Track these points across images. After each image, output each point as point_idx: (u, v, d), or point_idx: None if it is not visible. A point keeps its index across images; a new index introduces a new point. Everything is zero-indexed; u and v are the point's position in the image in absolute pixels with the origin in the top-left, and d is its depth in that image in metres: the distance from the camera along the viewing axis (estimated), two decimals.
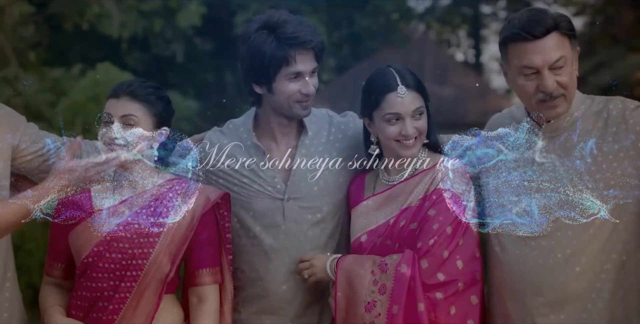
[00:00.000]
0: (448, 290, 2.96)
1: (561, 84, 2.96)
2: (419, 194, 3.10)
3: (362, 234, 3.16)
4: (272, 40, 3.05)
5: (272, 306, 3.23)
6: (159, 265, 3.03)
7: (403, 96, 3.04)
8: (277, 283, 3.21)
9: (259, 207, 3.22)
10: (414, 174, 3.14)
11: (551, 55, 2.93)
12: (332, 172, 3.24)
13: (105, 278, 3.03)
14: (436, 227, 3.01)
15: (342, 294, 3.03)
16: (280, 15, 3.09)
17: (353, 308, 3.01)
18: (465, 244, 3.01)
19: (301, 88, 3.12)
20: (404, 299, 2.94)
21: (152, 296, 3.03)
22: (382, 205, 3.16)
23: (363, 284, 3.00)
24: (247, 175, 3.24)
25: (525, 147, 3.01)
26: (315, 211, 3.22)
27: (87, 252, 3.04)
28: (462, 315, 2.99)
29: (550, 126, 3.05)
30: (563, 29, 2.96)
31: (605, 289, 2.95)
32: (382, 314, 2.96)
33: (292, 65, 3.08)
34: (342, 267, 3.06)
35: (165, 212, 3.05)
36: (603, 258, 2.96)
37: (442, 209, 3.03)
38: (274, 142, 3.25)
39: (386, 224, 3.12)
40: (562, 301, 2.96)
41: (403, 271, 2.95)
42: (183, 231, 3.06)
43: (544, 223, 2.93)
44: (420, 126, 3.09)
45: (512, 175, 3.03)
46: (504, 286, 3.06)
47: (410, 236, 3.06)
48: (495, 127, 3.13)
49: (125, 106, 3.01)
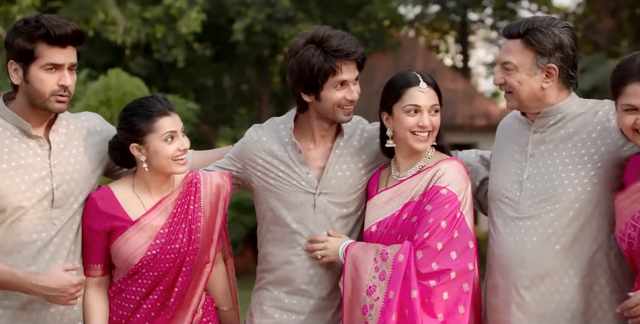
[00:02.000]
0: (441, 278, 3.05)
1: (507, 83, 3.14)
2: (420, 190, 3.19)
3: (373, 225, 3.27)
4: (320, 54, 3.17)
5: (298, 288, 3.35)
6: (202, 256, 3.20)
7: (424, 90, 3.18)
8: (305, 267, 3.34)
9: (292, 199, 3.33)
10: (420, 170, 3.23)
11: (504, 56, 3.12)
12: (359, 172, 3.37)
13: (160, 276, 3.14)
14: (431, 221, 3.09)
15: (348, 277, 3.17)
16: (325, 31, 3.21)
17: (357, 290, 3.14)
18: (460, 236, 3.10)
19: (346, 95, 3.23)
20: (399, 286, 3.05)
21: (196, 282, 3.21)
22: (390, 199, 3.26)
23: (366, 269, 3.13)
24: (283, 170, 3.34)
25: (521, 140, 3.23)
26: (343, 206, 3.34)
27: (140, 257, 3.11)
28: (454, 301, 3.07)
29: (540, 121, 3.17)
30: (528, 41, 3.07)
31: (580, 266, 3.08)
32: (380, 298, 3.08)
33: (338, 75, 3.19)
34: (350, 253, 3.20)
35: (198, 207, 3.21)
36: (581, 239, 3.09)
37: (438, 205, 3.11)
38: (313, 143, 3.36)
39: (392, 216, 3.22)
40: (543, 275, 3.08)
41: (400, 260, 3.07)
42: (212, 221, 3.24)
43: (531, 206, 3.13)
44: (435, 121, 3.20)
45: (509, 163, 3.24)
46: (495, 261, 3.19)
47: (410, 228, 3.16)
48: (503, 127, 3.37)
49: (179, 120, 3.19)
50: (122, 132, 3.14)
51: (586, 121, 3.15)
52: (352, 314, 3.16)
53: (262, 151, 3.38)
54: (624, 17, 20.38)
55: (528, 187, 3.15)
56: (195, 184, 3.25)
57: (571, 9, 24.23)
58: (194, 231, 3.18)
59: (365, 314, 3.11)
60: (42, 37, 2.94)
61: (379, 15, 18.81)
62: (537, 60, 3.09)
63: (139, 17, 16.56)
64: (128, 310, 3.17)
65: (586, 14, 22.53)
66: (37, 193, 3.02)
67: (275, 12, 17.71)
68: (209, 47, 19.71)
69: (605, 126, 3.12)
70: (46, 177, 3.04)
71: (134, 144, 3.10)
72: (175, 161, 3.12)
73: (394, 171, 3.31)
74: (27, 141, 3.04)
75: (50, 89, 2.98)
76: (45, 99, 2.99)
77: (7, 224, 3.00)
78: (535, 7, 23.80)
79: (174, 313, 3.18)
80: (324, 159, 3.35)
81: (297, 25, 17.59)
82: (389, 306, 3.06)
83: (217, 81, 20.81)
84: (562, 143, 3.15)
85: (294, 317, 3.35)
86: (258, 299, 3.43)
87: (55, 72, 2.98)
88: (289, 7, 17.57)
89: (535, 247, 3.10)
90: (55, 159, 3.07)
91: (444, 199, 3.13)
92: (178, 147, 3.11)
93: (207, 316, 3.32)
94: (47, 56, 2.97)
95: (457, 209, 3.12)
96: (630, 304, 2.83)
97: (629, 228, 2.89)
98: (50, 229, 3.04)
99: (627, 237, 2.89)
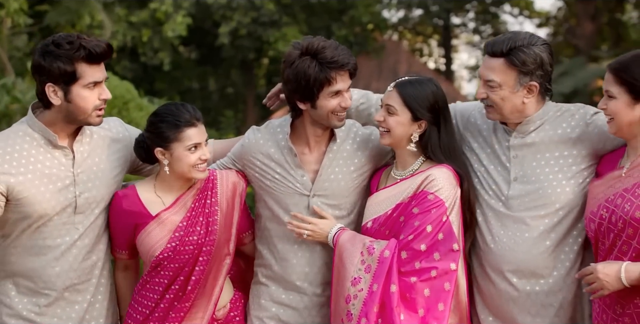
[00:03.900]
0: (422, 275, 3.17)
1: (489, 98, 3.24)
2: (410, 192, 3.27)
3: (369, 221, 3.36)
4: (315, 65, 3.24)
5: (294, 284, 3.44)
6: (221, 248, 3.34)
7: (390, 89, 3.32)
8: (300, 265, 3.43)
9: (287, 200, 3.41)
10: (413, 173, 3.32)
11: (488, 74, 3.21)
12: (352, 175, 3.44)
13: (180, 267, 3.28)
14: (417, 224, 3.19)
15: (336, 267, 3.29)
16: (319, 42, 3.29)
17: (342, 280, 3.25)
18: (445, 238, 3.20)
19: (340, 103, 3.30)
20: (383, 280, 3.17)
21: (217, 272, 3.35)
22: (386, 198, 3.35)
23: (352, 261, 3.24)
24: (279, 172, 3.42)
25: (501, 145, 3.34)
26: (335, 207, 3.42)
27: (161, 249, 3.26)
28: (435, 298, 3.18)
29: (522, 128, 3.29)
30: (512, 62, 3.16)
31: (568, 260, 3.25)
32: (364, 289, 3.19)
33: (333, 85, 3.27)
34: (338, 243, 3.31)
35: (214, 202, 3.36)
36: (569, 235, 3.25)
37: (425, 209, 3.20)
38: (307, 147, 3.44)
39: (385, 214, 3.31)
40: (533, 269, 3.24)
41: (386, 256, 3.19)
42: (230, 216, 3.38)
43: (520, 205, 3.27)
44: (388, 120, 3.29)
45: (492, 160, 3.35)
46: (488, 254, 3.32)
47: (398, 227, 3.26)
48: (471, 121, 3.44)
49: (204, 130, 3.32)
50: (149, 135, 3.27)
51: (564, 123, 3.30)
52: (337, 302, 3.27)
53: (259, 153, 3.46)
54: (604, 21, 20.64)
55: (517, 188, 3.29)
56: (213, 180, 3.39)
57: (552, 13, 24.42)
58: (211, 223, 3.32)
59: (348, 303, 3.22)
60: (83, 58, 3.04)
61: (363, 19, 18.94)
62: (520, 79, 3.19)
63: (125, 21, 16.68)
64: (152, 300, 3.32)
65: (567, 19, 22.82)
66: (61, 201, 3.15)
67: (261, 16, 17.82)
68: (194, 50, 19.98)
69: (583, 129, 3.27)
70: (70, 185, 3.17)
71: (159, 149, 3.24)
72: (195, 168, 3.26)
73: (394, 170, 3.41)
74: (53, 151, 3.17)
75: (93, 104, 3.10)
76: (88, 115, 3.11)
77: (32, 229, 3.15)
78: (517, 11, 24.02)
79: (193, 302, 3.32)
80: (318, 162, 3.43)
81: (282, 29, 17.73)
82: (372, 298, 3.17)
83: (203, 83, 20.94)
84: (545, 146, 3.29)
85: (290, 312, 3.45)
86: (256, 292, 3.53)
87: (95, 88, 3.09)
88: (274, 11, 17.68)
89: (526, 242, 3.25)
90: (79, 168, 3.20)
91: (431, 204, 3.21)
92: (200, 157, 3.25)
93: (234, 310, 3.48)
94: (89, 75, 3.07)
95: (443, 214, 3.21)
96: (586, 271, 3.04)
97: (601, 209, 3.09)
98: (74, 233, 3.19)
99: (598, 218, 3.09)
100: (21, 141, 3.14)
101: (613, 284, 2.98)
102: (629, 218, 3.00)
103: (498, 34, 24.59)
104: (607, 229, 3.07)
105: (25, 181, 3.09)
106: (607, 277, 2.98)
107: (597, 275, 3.00)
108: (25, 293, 3.20)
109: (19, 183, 3.08)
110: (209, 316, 3.36)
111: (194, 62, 20.02)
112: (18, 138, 3.15)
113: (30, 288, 3.20)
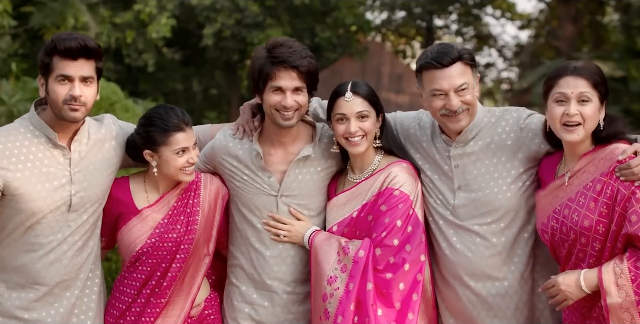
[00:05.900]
0: (397, 270, 3.28)
1: (465, 102, 3.30)
2: (375, 191, 3.38)
3: (334, 225, 3.46)
4: (264, 58, 3.36)
5: (265, 283, 3.52)
6: (200, 247, 3.43)
7: (349, 99, 3.35)
8: (269, 265, 3.51)
9: (256, 201, 3.50)
10: (372, 173, 3.42)
11: (456, 81, 3.27)
12: (319, 177, 3.52)
13: (158, 263, 3.37)
14: (387, 221, 3.31)
15: (313, 266, 3.39)
16: (283, 41, 3.40)
17: (319, 278, 3.36)
18: (414, 230, 3.32)
19: (281, 100, 3.35)
20: (359, 279, 3.27)
21: (194, 271, 3.43)
22: (349, 200, 3.45)
23: (328, 261, 3.34)
24: (247, 173, 3.50)
25: (441, 154, 3.43)
26: (304, 207, 3.50)
27: (141, 244, 3.36)
28: (410, 290, 3.30)
29: (460, 137, 3.38)
30: (466, 60, 3.29)
31: (521, 262, 3.37)
32: (340, 288, 3.29)
33: (274, 81, 3.34)
34: (314, 244, 3.41)
35: (197, 202, 3.44)
36: (519, 238, 3.36)
37: (392, 205, 3.32)
38: (273, 148, 3.51)
39: (350, 216, 3.42)
40: (488, 272, 3.36)
41: (361, 256, 3.29)
42: (211, 218, 3.47)
43: (467, 213, 3.37)
44: (363, 126, 3.36)
45: (437, 175, 3.45)
46: (445, 261, 3.44)
47: (367, 226, 3.38)
48: (411, 132, 3.54)
49: (192, 134, 3.39)
50: (139, 138, 3.37)
51: (499, 129, 3.39)
52: (316, 300, 3.37)
53: (228, 155, 3.54)
54: (585, 23, 20.77)
55: (461, 196, 3.40)
56: (197, 182, 3.49)
57: (534, 15, 24.56)
58: (191, 222, 3.41)
59: (325, 301, 3.31)
60: (54, 51, 3.13)
61: (346, 21, 19.01)
62: (474, 74, 3.36)
63: (109, 22, 16.64)
64: (130, 296, 3.39)
65: (548, 21, 22.96)
66: (56, 200, 3.21)
67: (245, 18, 17.87)
68: (178, 51, 20.01)
69: (517, 134, 3.37)
70: (66, 184, 3.24)
71: (147, 151, 3.34)
72: (182, 171, 3.36)
73: (350, 174, 3.50)
74: (52, 150, 3.24)
75: (61, 98, 3.14)
76: (60, 108, 3.16)
77: (26, 226, 3.21)
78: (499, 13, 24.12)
79: (170, 299, 3.39)
80: (286, 163, 3.50)
81: (266, 31, 17.75)
82: (348, 297, 3.28)
83: (187, 85, 20.93)
84: (483, 153, 3.39)
85: (262, 310, 3.54)
86: (228, 294, 3.61)
87: (67, 84, 3.15)
88: (257, 13, 17.73)
89: (478, 248, 3.37)
90: (76, 167, 3.27)
91: (397, 200, 3.33)
92: (187, 160, 3.34)
93: (209, 309, 3.55)
94: (59, 68, 3.15)
95: (410, 208, 3.34)
96: (548, 285, 3.15)
97: (551, 221, 3.17)
98: (66, 231, 3.26)
99: (550, 229, 3.18)
100: (22, 138, 3.21)
101: (575, 294, 3.09)
102: (579, 228, 3.09)
103: (480, 35, 25.00)
104: (560, 240, 3.17)
105: (22, 177, 3.16)
106: (569, 288, 3.09)
107: (559, 287, 3.10)
108: (15, 288, 3.25)
109: (16, 179, 3.15)
110: (186, 314, 3.44)
111: (178, 63, 20.02)
112: (19, 134, 3.22)
113: (20, 284, 3.25)
